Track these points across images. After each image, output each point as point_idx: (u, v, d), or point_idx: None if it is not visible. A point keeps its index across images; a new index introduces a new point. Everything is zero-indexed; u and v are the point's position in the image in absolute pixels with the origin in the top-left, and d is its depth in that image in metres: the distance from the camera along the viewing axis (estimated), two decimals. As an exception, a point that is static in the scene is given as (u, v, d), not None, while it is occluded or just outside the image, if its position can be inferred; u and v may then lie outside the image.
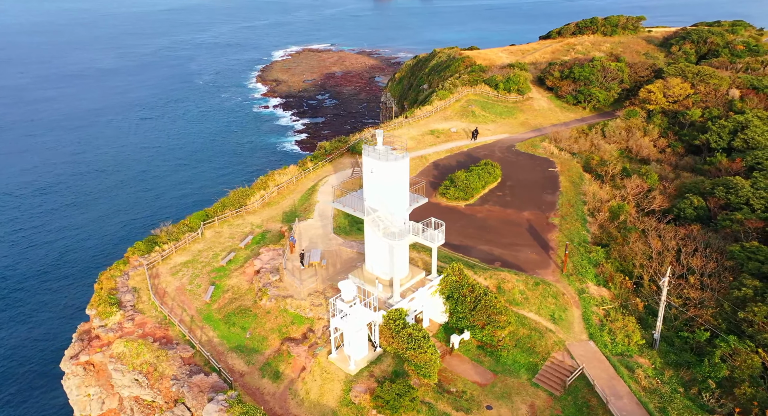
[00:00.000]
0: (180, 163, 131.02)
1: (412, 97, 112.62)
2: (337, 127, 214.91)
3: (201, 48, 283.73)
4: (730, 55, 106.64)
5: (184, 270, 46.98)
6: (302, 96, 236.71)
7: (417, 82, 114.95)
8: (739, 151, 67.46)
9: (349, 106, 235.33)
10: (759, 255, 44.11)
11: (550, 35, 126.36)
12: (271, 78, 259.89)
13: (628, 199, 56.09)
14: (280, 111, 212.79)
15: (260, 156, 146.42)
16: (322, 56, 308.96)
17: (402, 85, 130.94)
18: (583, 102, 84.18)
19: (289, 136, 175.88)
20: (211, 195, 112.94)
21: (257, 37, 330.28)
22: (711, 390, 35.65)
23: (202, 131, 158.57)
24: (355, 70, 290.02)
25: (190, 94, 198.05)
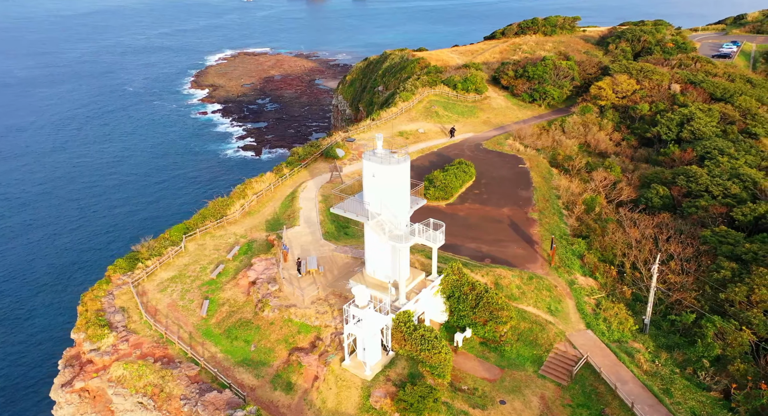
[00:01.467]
0: (118, 177, 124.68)
1: (367, 99, 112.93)
2: (281, 132, 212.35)
3: (128, 53, 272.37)
4: (662, 52, 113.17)
5: (173, 286, 45.42)
6: (242, 100, 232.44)
7: (371, 84, 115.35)
8: (687, 141, 71.84)
9: (291, 110, 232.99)
10: (729, 238, 47.30)
11: (494, 36, 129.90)
12: (208, 83, 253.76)
13: (598, 191, 58.69)
14: (220, 117, 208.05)
15: (204, 164, 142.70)
16: (260, 60, 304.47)
17: (354, 88, 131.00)
18: (539, 99, 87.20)
19: (233, 142, 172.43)
20: (159, 209, 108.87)
21: (188, 40, 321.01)
22: (706, 369, 37.95)
23: (138, 142, 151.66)
24: (295, 73, 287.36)
25: (121, 103, 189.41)
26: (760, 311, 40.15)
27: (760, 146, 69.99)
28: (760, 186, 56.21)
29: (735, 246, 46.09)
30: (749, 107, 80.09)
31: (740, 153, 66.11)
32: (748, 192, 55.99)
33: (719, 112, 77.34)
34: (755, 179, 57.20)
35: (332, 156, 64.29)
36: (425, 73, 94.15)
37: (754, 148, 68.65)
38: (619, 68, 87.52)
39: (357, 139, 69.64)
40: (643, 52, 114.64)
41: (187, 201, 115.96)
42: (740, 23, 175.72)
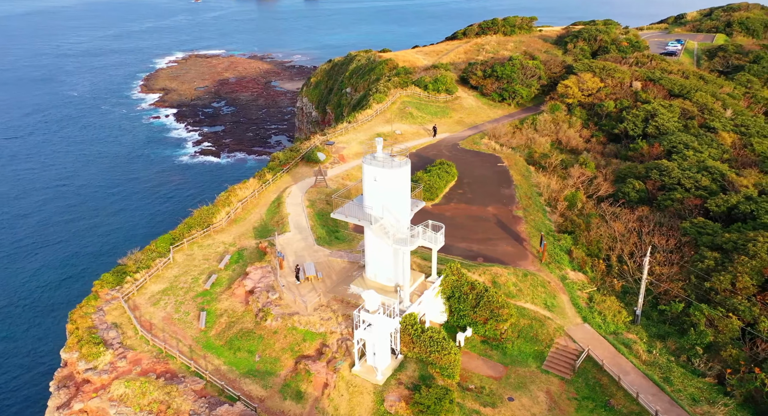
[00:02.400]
0: (71, 189, 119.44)
1: (335, 101, 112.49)
2: (239, 135, 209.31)
3: (70, 56, 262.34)
4: (618, 51, 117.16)
5: (165, 299, 44.25)
6: (196, 104, 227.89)
7: (338, 86, 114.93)
8: (653, 136, 74.67)
9: (248, 113, 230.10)
10: (708, 229, 49.51)
11: (456, 36, 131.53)
12: (159, 86, 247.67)
13: (577, 187, 60.35)
14: (175, 121, 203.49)
15: (161, 171, 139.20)
16: (212, 62, 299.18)
17: (320, 90, 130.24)
18: (508, 99, 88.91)
19: (189, 147, 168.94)
20: (120, 221, 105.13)
21: (135, 43, 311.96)
22: (699, 356, 39.63)
23: (88, 151, 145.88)
24: (250, 75, 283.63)
25: (66, 110, 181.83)
26: (744, 297, 42.21)
27: (719, 139, 73.38)
28: (728, 178, 58.99)
29: (713, 236, 48.29)
30: (706, 103, 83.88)
31: (703, 147, 69.22)
32: (717, 184, 58.67)
33: (679, 107, 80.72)
34: (722, 171, 60.01)
35: (314, 160, 63.85)
36: (395, 75, 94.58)
37: (714, 141, 71.93)
38: (583, 67, 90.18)
39: (336, 142, 69.33)
40: (600, 50, 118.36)
41: (149, 210, 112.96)
42: (681, 22, 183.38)
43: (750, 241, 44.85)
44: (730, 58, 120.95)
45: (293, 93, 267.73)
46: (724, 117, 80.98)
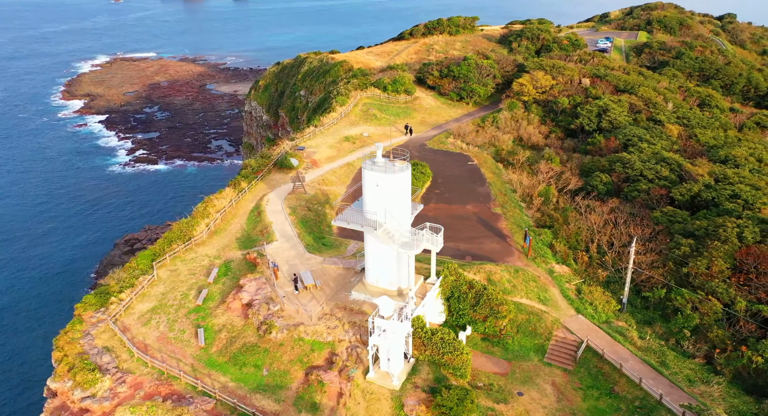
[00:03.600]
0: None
1: (289, 104, 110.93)
2: (176, 141, 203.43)
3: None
4: (559, 49, 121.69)
5: (157, 318, 42.49)
6: (126, 110, 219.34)
7: (291, 89, 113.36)
8: (607, 130, 78.10)
9: (184, 118, 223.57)
10: (678, 217, 52.43)
11: (403, 36, 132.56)
12: (83, 92, 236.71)
13: (548, 182, 62.37)
14: (104, 129, 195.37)
15: (94, 181, 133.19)
16: (141, 65, 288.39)
17: (270, 93, 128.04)
18: (466, 98, 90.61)
19: (123, 156, 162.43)
20: (55, 241, 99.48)
21: (52, 46, 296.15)
22: (687, 339, 41.98)
23: (8, 164, 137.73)
24: (182, 78, 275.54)
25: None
26: (720, 280, 45.01)
27: (667, 131, 77.70)
28: (684, 168, 62.58)
29: (684, 224, 51.20)
30: (650, 97, 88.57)
31: (655, 139, 73.11)
32: (675, 173, 62.10)
33: (627, 102, 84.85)
34: (679, 162, 63.60)
35: (287, 166, 62.86)
36: (351, 76, 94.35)
37: (663, 133, 76.11)
38: (534, 65, 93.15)
39: (306, 147, 68.50)
40: (543, 49, 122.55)
41: (85, 226, 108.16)
42: (606, 21, 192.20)
43: (720, 227, 47.85)
44: (656, 54, 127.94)
45: (230, 96, 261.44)
46: (667, 110, 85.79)
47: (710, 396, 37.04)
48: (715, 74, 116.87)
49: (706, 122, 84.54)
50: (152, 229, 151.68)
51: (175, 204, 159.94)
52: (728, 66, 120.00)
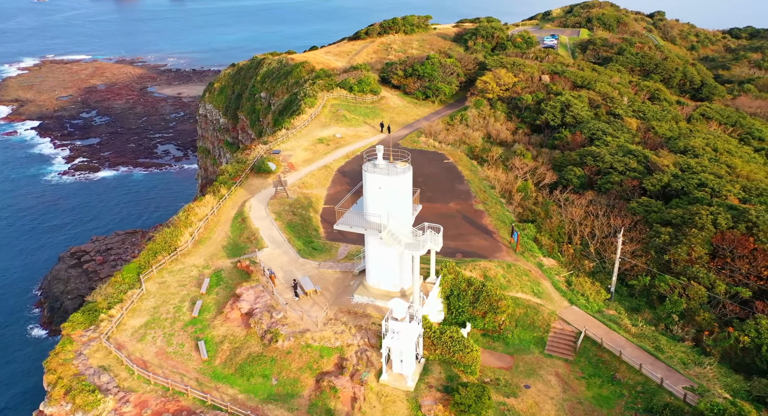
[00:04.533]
0: None
1: (248, 106, 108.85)
2: (119, 147, 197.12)
3: None
4: (513, 47, 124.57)
5: (152, 333, 41.03)
6: (61, 116, 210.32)
7: (250, 92, 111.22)
8: (571, 125, 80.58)
9: (126, 122, 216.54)
10: (653, 207, 54.74)
11: (359, 36, 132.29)
12: (10, 98, 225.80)
13: (524, 178, 63.81)
14: (37, 136, 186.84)
15: (30, 192, 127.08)
16: (74, 68, 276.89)
17: (226, 96, 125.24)
18: (432, 96, 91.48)
19: (61, 164, 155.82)
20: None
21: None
22: (675, 323, 43.93)
23: None
24: (121, 81, 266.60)
25: None
26: (700, 266, 47.33)
27: (627, 125, 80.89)
28: (650, 159, 65.33)
29: (660, 213, 53.51)
30: (607, 92, 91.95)
31: (618, 132, 76.01)
32: (642, 165, 64.77)
33: (587, 97, 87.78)
34: (645, 154, 66.34)
35: (264, 170, 61.78)
36: (315, 77, 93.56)
37: (624, 127, 79.22)
38: (495, 63, 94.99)
39: (282, 151, 67.48)
40: (498, 47, 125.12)
41: (26, 242, 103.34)
42: (549, 19, 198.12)
43: (695, 215, 50.29)
44: (599, 51, 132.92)
45: (175, 98, 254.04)
46: (624, 104, 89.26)
47: (705, 377, 38.87)
48: (655, 69, 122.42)
49: (660, 115, 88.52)
50: (101, 240, 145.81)
51: (124, 212, 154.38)
52: (665, 61, 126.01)
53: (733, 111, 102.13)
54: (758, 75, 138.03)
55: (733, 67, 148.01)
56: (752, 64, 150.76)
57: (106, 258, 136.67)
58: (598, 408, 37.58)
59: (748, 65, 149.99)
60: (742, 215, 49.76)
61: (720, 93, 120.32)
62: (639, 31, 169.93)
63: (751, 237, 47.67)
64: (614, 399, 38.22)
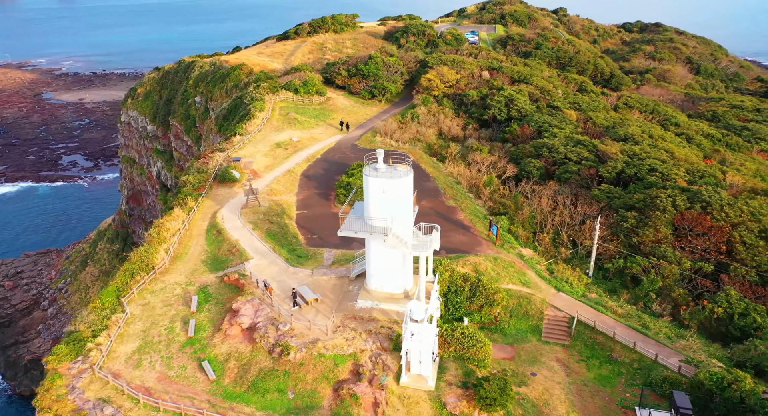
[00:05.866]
0: None
1: (182, 112, 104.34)
2: (16, 160, 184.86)
3: None
4: (444, 44, 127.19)
5: (148, 357, 38.82)
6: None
7: (182, 96, 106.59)
8: (517, 119, 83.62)
9: (22, 132, 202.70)
10: (614, 193, 58.02)
11: (288, 36, 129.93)
12: None
13: (488, 172, 65.60)
14: None
15: None
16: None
17: (152, 101, 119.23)
18: (378, 95, 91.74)
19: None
20: None
21: None
22: (653, 301, 46.96)
23: None
24: (9, 87, 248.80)
25: None
26: (666, 245, 50.80)
27: (568, 116, 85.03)
28: (599, 148, 69.11)
29: (621, 198, 56.83)
30: (543, 85, 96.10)
31: (562, 124, 79.76)
32: (593, 154, 68.41)
33: (526, 91, 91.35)
34: (594, 143, 70.08)
35: (229, 179, 59.71)
36: (256, 80, 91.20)
37: (566, 119, 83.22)
38: (436, 61, 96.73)
39: (242, 158, 65.37)
40: (429, 44, 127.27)
41: None
42: (465, 16, 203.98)
43: (656, 198, 53.85)
44: (519, 46, 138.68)
45: (77, 105, 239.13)
46: (560, 97, 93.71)
47: (690, 348, 41.83)
48: (570, 62, 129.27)
49: (593, 106, 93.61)
50: (8, 263, 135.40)
51: (32, 231, 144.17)
52: (578, 54, 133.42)
53: (649, 99, 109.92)
54: (654, 66, 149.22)
55: (632, 59, 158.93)
56: (647, 55, 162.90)
57: (16, 283, 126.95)
58: (602, 387, 39.52)
59: (644, 57, 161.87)
60: (695, 196, 53.83)
61: (626, 83, 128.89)
62: (548, 27, 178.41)
63: (708, 216, 51.70)
64: (614, 378, 40.33)
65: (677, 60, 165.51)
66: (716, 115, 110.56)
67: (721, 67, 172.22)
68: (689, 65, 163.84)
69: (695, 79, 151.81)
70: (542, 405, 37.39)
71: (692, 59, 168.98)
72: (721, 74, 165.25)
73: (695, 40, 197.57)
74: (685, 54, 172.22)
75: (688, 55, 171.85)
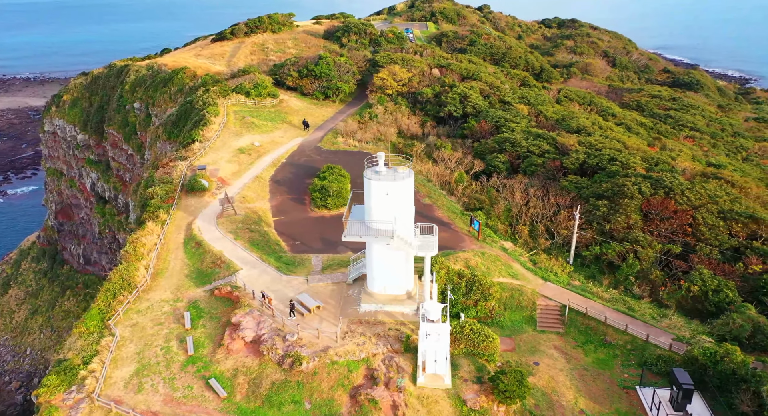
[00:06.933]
0: None
1: (119, 120, 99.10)
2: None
3: None
4: (387, 42, 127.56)
5: (148, 380, 36.88)
6: None
7: (118, 102, 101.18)
8: (473, 115, 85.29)
9: None
10: (582, 184, 60.37)
11: (224, 36, 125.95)
12: None
13: (457, 169, 66.54)
14: None
15: None
16: None
17: (81, 109, 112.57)
18: (333, 96, 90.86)
19: None
20: None
21: None
22: (633, 284, 49.33)
23: None
24: None
25: None
26: (638, 230, 53.46)
27: (520, 111, 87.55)
28: (558, 141, 71.70)
29: (589, 188, 59.23)
30: (492, 81, 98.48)
31: (517, 118, 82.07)
32: (552, 146, 70.88)
33: (478, 88, 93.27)
34: (552, 136, 72.61)
35: (198, 188, 57.42)
36: (200, 84, 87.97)
37: (519, 114, 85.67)
38: (386, 60, 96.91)
39: (207, 165, 62.98)
40: (371, 43, 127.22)
41: None
42: (395, 13, 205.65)
43: (623, 186, 56.52)
44: (454, 43, 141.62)
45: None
46: (509, 92, 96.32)
47: (675, 326, 44.32)
48: (503, 58, 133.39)
49: (540, 100, 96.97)
50: None
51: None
52: (510, 50, 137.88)
53: (586, 92, 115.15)
54: (576, 59, 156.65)
55: (555, 54, 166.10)
56: (569, 50, 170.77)
57: None
58: (602, 370, 41.15)
59: (566, 51, 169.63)
60: (657, 182, 56.94)
61: (555, 77, 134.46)
62: (476, 24, 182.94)
63: (672, 201, 54.83)
64: (611, 360, 42.10)
65: (595, 54, 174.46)
66: (640, 104, 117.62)
67: (633, 60, 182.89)
68: (606, 58, 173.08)
69: (613, 72, 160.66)
70: (551, 393, 38.48)
71: (608, 53, 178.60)
72: (634, 66, 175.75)
73: (608, 35, 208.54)
74: (602, 48, 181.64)
75: (605, 49, 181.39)
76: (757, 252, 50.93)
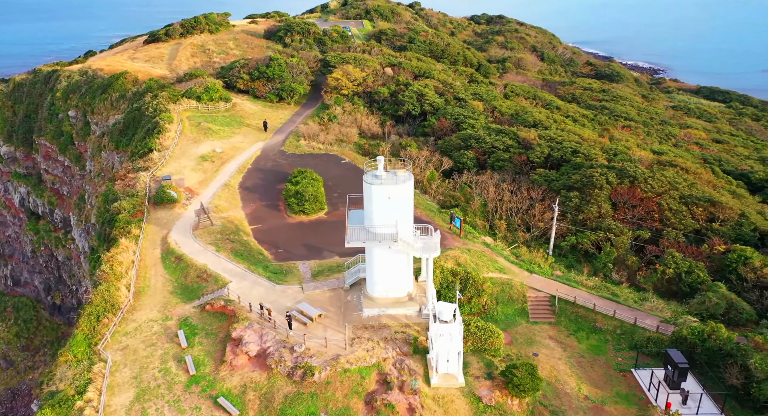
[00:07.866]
0: None
1: (53, 129, 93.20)
2: None
3: None
4: (332, 41, 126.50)
5: (152, 405, 35.07)
6: None
7: (49, 111, 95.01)
8: (431, 113, 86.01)
9: None
10: (551, 176, 62.22)
11: (158, 37, 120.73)
12: None
13: (428, 167, 66.95)
14: None
15: None
16: None
17: (3, 119, 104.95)
18: (287, 98, 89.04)
19: None
20: None
21: None
22: (611, 271, 51.39)
23: None
24: None
25: None
26: (609, 218, 55.70)
27: (476, 108, 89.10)
28: (519, 135, 73.50)
29: (558, 180, 61.13)
30: (445, 79, 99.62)
31: (475, 115, 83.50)
32: (514, 141, 72.58)
33: (432, 86, 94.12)
34: (514, 131, 74.35)
35: (167, 200, 54.92)
36: (145, 89, 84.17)
37: (476, 110, 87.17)
38: (337, 60, 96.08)
39: (171, 175, 60.23)
40: (317, 42, 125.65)
41: None
42: (329, 11, 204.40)
43: (591, 177, 58.70)
44: (393, 40, 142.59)
45: None
46: (461, 89, 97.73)
47: (657, 308, 46.55)
48: (442, 54, 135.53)
49: (492, 95, 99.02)
50: None
51: None
52: (448, 47, 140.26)
53: (529, 86, 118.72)
54: (508, 54, 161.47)
55: (488, 49, 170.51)
56: (500, 45, 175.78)
57: None
58: (597, 356, 42.63)
59: (498, 46, 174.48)
60: (622, 172, 59.53)
61: (492, 72, 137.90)
62: (410, 21, 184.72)
63: (637, 189, 57.49)
64: (603, 345, 43.69)
65: (525, 48, 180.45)
66: (575, 97, 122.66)
67: (559, 54, 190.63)
68: (535, 53, 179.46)
69: (543, 66, 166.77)
70: (555, 382, 39.50)
71: (536, 47, 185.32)
72: (560, 60, 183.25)
73: (535, 30, 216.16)
74: (530, 43, 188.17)
75: (533, 44, 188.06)
76: (717, 234, 54.25)
